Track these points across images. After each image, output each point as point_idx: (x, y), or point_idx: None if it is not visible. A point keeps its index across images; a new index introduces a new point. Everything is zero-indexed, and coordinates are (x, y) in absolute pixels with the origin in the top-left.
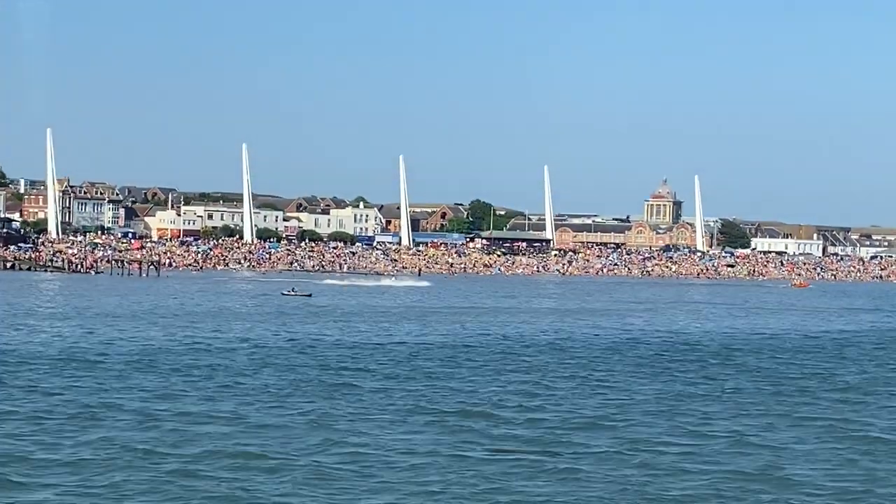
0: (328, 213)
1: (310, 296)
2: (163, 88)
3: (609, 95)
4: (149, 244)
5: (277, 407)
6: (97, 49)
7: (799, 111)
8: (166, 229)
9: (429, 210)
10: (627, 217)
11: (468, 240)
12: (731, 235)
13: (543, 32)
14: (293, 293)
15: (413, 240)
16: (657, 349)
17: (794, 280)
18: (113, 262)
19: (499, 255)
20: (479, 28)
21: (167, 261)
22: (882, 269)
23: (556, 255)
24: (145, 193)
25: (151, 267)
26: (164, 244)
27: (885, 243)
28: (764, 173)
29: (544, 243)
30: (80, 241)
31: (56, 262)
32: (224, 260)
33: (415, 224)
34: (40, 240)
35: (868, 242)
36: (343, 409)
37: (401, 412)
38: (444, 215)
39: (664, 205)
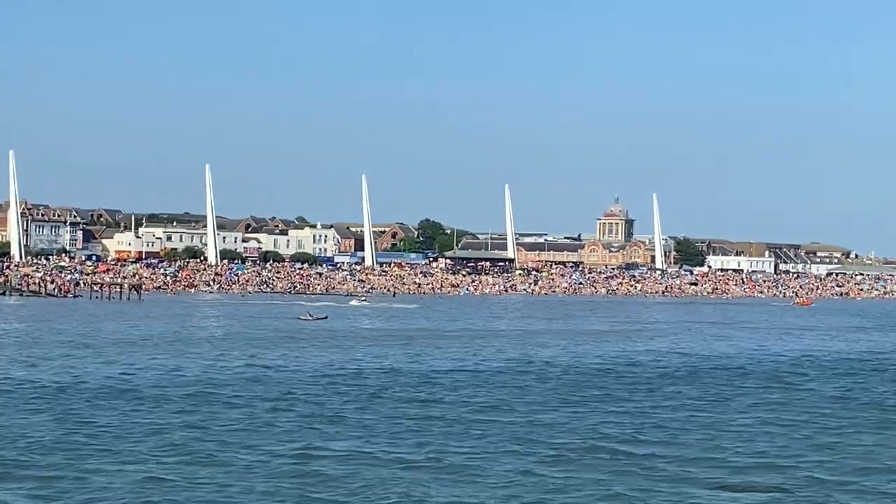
0: (286, 234)
1: (325, 318)
2: (99, 109)
3: (554, 116)
4: (116, 267)
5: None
6: (28, 69)
7: (741, 130)
8: (125, 251)
9: (376, 230)
10: (579, 235)
11: (432, 259)
12: (687, 253)
13: (486, 48)
14: (310, 317)
15: (375, 260)
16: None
17: (797, 299)
18: (92, 285)
19: (464, 275)
20: (419, 46)
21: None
22: (840, 286)
23: (520, 274)
24: (91, 215)
25: (133, 291)
26: (130, 266)
27: (835, 260)
28: (708, 191)
29: (508, 263)
30: (46, 265)
31: (31, 286)
32: (193, 282)
33: (363, 244)
34: (5, 263)
35: (818, 259)
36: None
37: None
38: (395, 235)
39: (616, 223)
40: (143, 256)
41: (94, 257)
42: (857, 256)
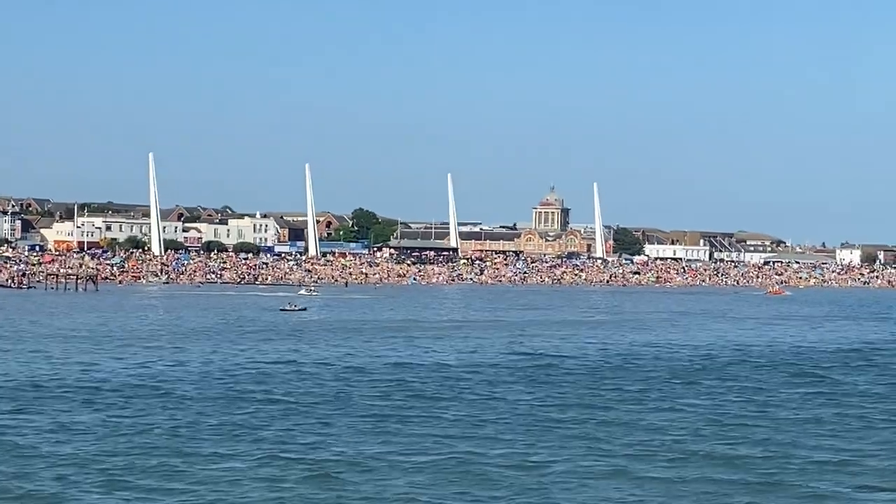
0: (226, 224)
1: (304, 310)
2: (19, 94)
3: (488, 105)
4: (61, 257)
5: None
6: None
7: (665, 120)
8: (65, 241)
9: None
10: (514, 224)
11: (376, 249)
12: (625, 242)
13: (422, 40)
14: (293, 308)
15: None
16: None
17: (770, 287)
18: (47, 276)
19: (409, 265)
20: (348, 32)
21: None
22: (779, 275)
23: (464, 264)
24: (21, 204)
25: (88, 282)
26: (85, 258)
27: (768, 249)
28: (639, 181)
29: (452, 252)
30: None
31: None
32: (140, 273)
33: (298, 233)
34: None
35: (751, 248)
36: None
37: None
38: (329, 224)
39: (552, 212)
40: (86, 246)
41: (36, 247)
42: (787, 245)
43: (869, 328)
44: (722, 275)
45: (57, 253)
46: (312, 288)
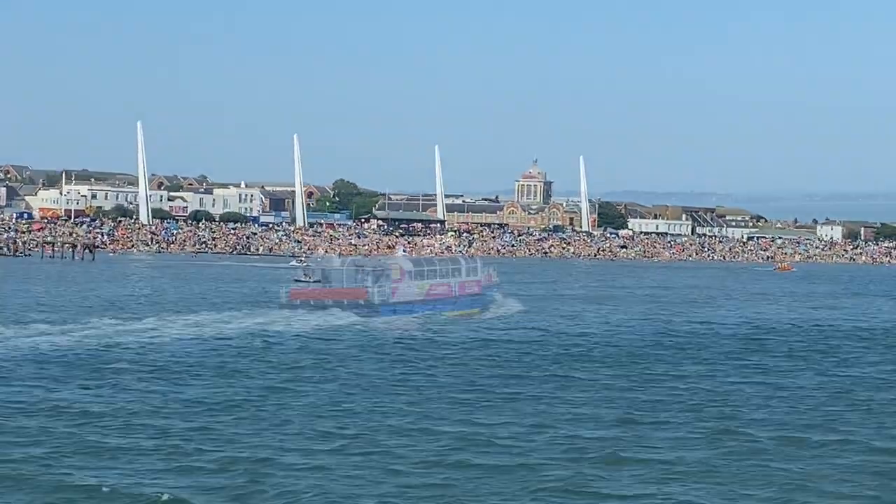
0: (212, 193)
1: (319, 282)
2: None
3: (472, 79)
4: (49, 225)
5: None
6: None
7: (644, 94)
8: (51, 209)
9: (289, 189)
10: (496, 197)
11: (363, 220)
12: (608, 216)
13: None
14: (308, 279)
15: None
16: None
17: (778, 264)
18: (43, 244)
19: (397, 237)
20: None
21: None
22: (764, 250)
23: (452, 236)
24: (1, 171)
25: (86, 250)
26: (65, 225)
27: (749, 224)
28: (620, 155)
29: (440, 224)
30: None
31: None
32: (131, 242)
33: (279, 203)
34: None
35: (733, 223)
36: None
37: None
38: (310, 195)
39: (535, 185)
40: (72, 214)
41: (25, 215)
42: (766, 220)
43: None
44: (708, 250)
45: (45, 221)
46: (304, 259)
